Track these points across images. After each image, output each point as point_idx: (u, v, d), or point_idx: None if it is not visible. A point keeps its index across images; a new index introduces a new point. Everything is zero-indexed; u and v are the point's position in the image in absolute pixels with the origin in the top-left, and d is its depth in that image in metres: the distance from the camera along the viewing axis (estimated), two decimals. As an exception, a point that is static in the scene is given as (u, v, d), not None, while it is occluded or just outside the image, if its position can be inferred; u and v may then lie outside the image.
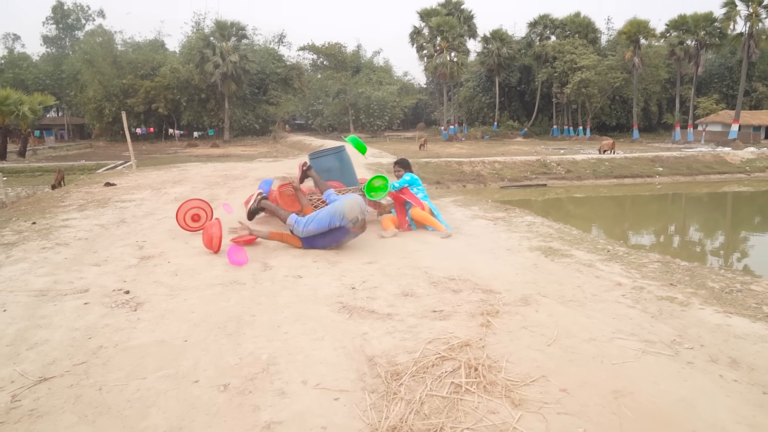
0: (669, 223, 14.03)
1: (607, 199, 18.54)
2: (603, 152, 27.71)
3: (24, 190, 17.80)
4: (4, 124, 31.91)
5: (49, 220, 7.20)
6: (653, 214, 15.73)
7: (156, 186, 11.18)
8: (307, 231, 5.10)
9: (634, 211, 16.31)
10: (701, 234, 12.80)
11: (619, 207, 17.13)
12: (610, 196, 19.21)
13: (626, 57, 45.43)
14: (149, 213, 7.68)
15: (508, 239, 5.62)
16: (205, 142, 47.16)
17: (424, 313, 3.51)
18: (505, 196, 18.13)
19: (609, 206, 17.12)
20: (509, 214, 7.34)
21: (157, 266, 4.75)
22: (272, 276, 4.35)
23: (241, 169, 14.66)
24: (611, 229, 11.90)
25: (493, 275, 4.32)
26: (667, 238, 11.97)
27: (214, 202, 8.74)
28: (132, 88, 48.92)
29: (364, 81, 57.68)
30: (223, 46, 47.16)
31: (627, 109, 51.83)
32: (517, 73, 54.72)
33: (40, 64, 62.25)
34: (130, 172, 15.52)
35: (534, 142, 42.85)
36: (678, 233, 12.78)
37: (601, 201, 18.22)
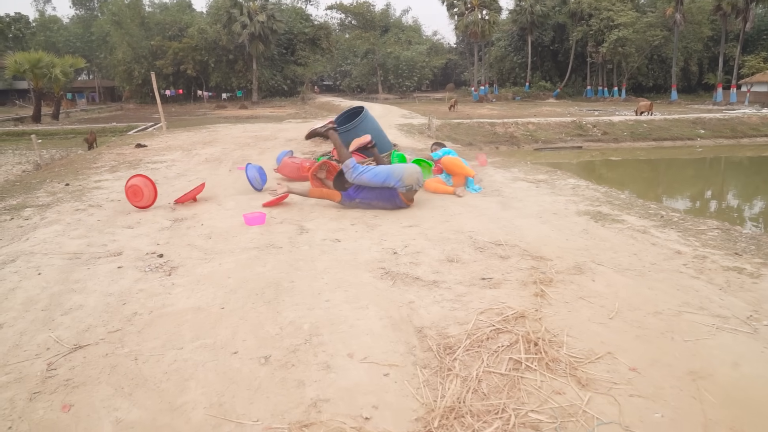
0: (716, 188, 13.40)
1: (647, 163, 17.90)
2: (640, 114, 26.70)
3: (58, 152, 17.99)
4: (37, 87, 32.25)
5: (82, 182, 7.15)
6: (698, 178, 15.06)
7: (186, 147, 11.09)
8: (360, 179, 4.97)
9: (678, 175, 15.64)
10: (755, 200, 12.16)
11: (661, 171, 16.47)
12: (649, 159, 18.54)
13: (667, 13, 43.26)
14: (180, 174, 7.57)
15: (554, 203, 5.33)
16: (233, 103, 47.04)
17: (472, 280, 3.30)
18: (539, 158, 17.61)
19: (650, 170, 16.50)
20: (551, 176, 7.01)
21: (190, 229, 4.62)
22: (309, 239, 4.18)
23: (270, 130, 14.48)
24: (655, 194, 11.41)
25: (542, 241, 4.06)
26: (717, 205, 11.43)
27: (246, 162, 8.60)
28: (160, 50, 48.81)
29: (393, 41, 56.47)
30: (250, 5, 46.45)
31: (665, 69, 49.67)
32: (550, 31, 52.82)
33: (70, 27, 62.52)
34: (161, 133, 15.49)
35: (567, 104, 41.57)
36: (728, 199, 12.19)
37: (641, 164, 17.60)
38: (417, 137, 13.78)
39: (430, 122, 16.72)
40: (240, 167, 7.99)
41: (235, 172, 7.70)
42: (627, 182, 13.30)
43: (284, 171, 6.75)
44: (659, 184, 13.57)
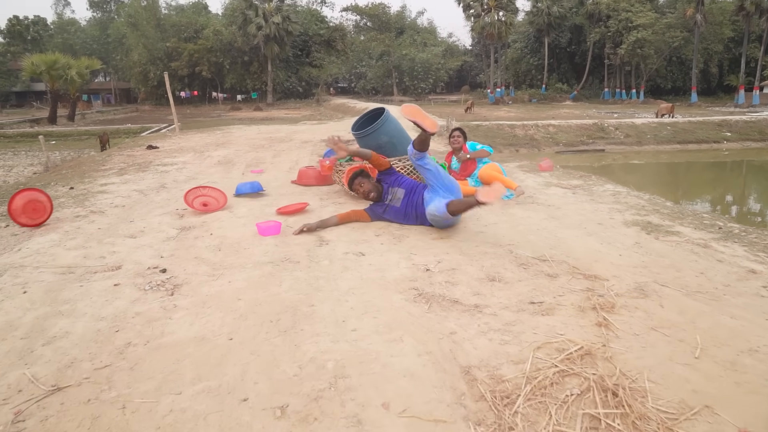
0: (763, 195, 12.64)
1: (678, 166, 17.25)
2: (661, 116, 25.99)
3: (70, 154, 17.79)
4: (53, 88, 32.31)
5: (87, 185, 6.79)
6: (738, 183, 14.27)
7: (199, 149, 10.73)
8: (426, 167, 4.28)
9: (715, 180, 14.79)
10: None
11: (695, 175, 15.67)
12: (679, 162, 17.88)
13: (687, 14, 42.41)
14: (191, 177, 7.18)
15: (596, 211, 4.84)
16: (248, 105, 46.85)
17: (520, 304, 2.84)
18: (561, 161, 17.04)
19: (683, 174, 15.78)
20: (586, 181, 6.51)
21: (198, 239, 4.20)
22: (330, 253, 3.73)
23: (286, 132, 14.11)
24: (697, 201, 10.70)
25: (592, 256, 3.58)
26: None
27: (260, 165, 8.21)
28: (176, 52, 48.82)
29: (408, 43, 56.01)
30: (265, 7, 46.27)
31: (684, 70, 48.75)
32: (567, 33, 52.08)
33: (87, 29, 62.92)
34: (173, 134, 15.18)
35: (584, 106, 40.83)
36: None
37: (672, 168, 16.94)
38: (436, 140, 13.30)
39: (448, 124, 16.25)
40: (254, 170, 7.60)
41: (248, 175, 7.30)
42: (663, 188, 12.62)
43: (303, 180, 6.34)
44: (698, 190, 12.83)
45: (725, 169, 17.33)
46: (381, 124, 5.40)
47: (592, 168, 15.68)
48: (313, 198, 5.58)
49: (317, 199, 5.51)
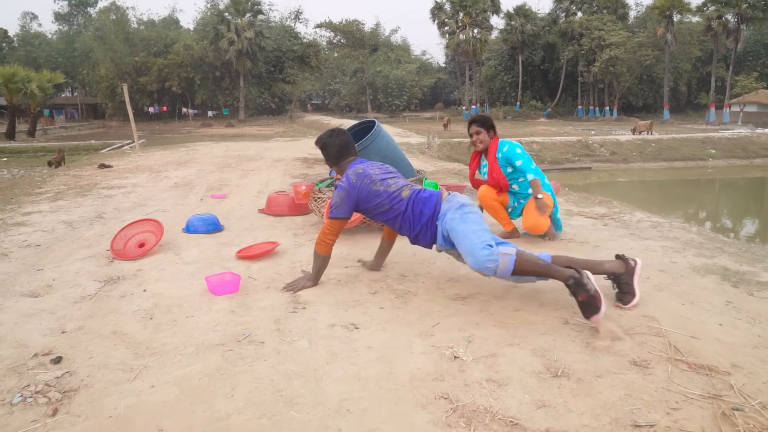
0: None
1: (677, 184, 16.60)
2: (639, 133, 25.66)
3: (19, 172, 16.31)
4: (12, 102, 30.62)
5: (7, 214, 5.52)
6: (744, 203, 13.33)
7: (156, 168, 9.49)
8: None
9: (737, 201, 13.80)
10: None
11: (702, 193, 14.77)
12: (674, 179, 17.27)
13: (658, 33, 42.88)
14: (138, 204, 5.96)
15: (647, 251, 3.81)
16: (219, 121, 45.43)
17: (618, 428, 1.76)
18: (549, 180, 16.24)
19: (690, 193, 14.95)
20: (610, 208, 5.52)
21: (125, 298, 3.03)
22: (309, 325, 2.60)
23: (256, 149, 12.92)
24: (730, 225, 9.60)
25: (682, 326, 2.53)
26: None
27: (223, 189, 7.05)
28: (145, 66, 47.24)
29: (382, 60, 55.42)
30: (238, 22, 45.16)
31: (655, 88, 49.32)
32: (540, 51, 52.26)
33: (52, 42, 60.71)
34: (133, 152, 13.88)
35: (560, 123, 40.65)
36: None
37: (676, 186, 16.27)
38: (420, 157, 12.30)
39: (430, 141, 15.32)
40: (215, 195, 6.43)
41: (207, 201, 6.11)
42: (681, 207, 11.73)
43: (273, 209, 5.19)
44: (723, 212, 11.81)
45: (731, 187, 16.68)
46: (371, 140, 4.31)
47: (600, 187, 14.82)
48: (285, 233, 4.44)
49: (290, 235, 4.37)
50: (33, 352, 2.35)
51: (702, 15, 42.46)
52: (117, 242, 3.93)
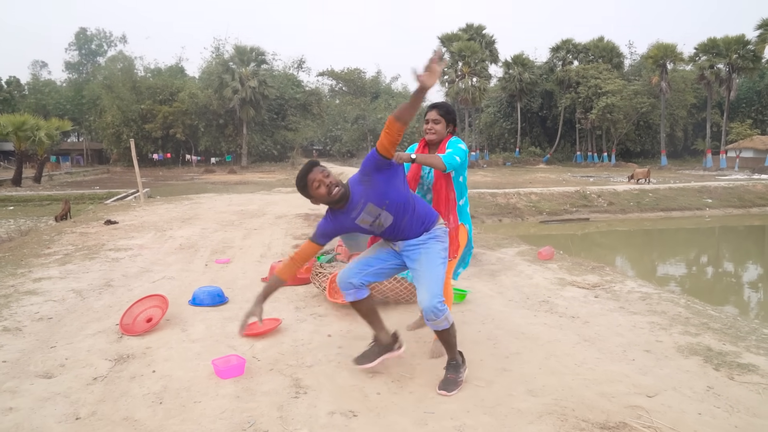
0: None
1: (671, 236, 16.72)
2: (637, 181, 25.99)
3: (26, 223, 16.54)
4: (21, 149, 31.28)
5: (18, 280, 5.70)
6: (738, 257, 13.31)
7: (161, 226, 9.71)
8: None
9: (715, 254, 13.82)
10: None
11: (693, 248, 14.77)
12: (668, 229, 17.42)
13: (653, 81, 43.95)
14: (145, 270, 6.14)
15: (635, 328, 3.97)
16: (222, 167, 46.14)
17: None
18: (544, 231, 16.48)
19: (681, 246, 14.97)
20: (602, 276, 5.69)
21: (135, 380, 3.18)
22: (310, 412, 2.75)
23: (258, 203, 13.18)
24: (725, 289, 9.51)
25: (664, 414, 2.68)
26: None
27: (227, 251, 7.24)
28: (150, 114, 48.29)
29: (383, 107, 56.58)
30: (242, 71, 46.41)
31: (652, 134, 50.20)
32: (538, 98, 53.44)
33: (61, 90, 62.22)
34: (138, 204, 14.15)
35: (558, 169, 41.21)
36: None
37: (666, 238, 16.36)
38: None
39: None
40: (219, 260, 6.62)
41: (212, 267, 6.31)
42: (676, 265, 11.80)
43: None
44: (715, 269, 11.76)
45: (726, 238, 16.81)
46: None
47: (603, 245, 14.90)
48: (287, 306, 4.61)
49: (292, 308, 4.54)
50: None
51: (695, 64, 43.60)
52: (126, 318, 4.10)
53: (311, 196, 2.97)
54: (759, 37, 39.65)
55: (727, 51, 40.42)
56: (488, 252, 7.11)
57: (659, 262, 11.90)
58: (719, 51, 40.86)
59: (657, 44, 43.29)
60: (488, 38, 50.06)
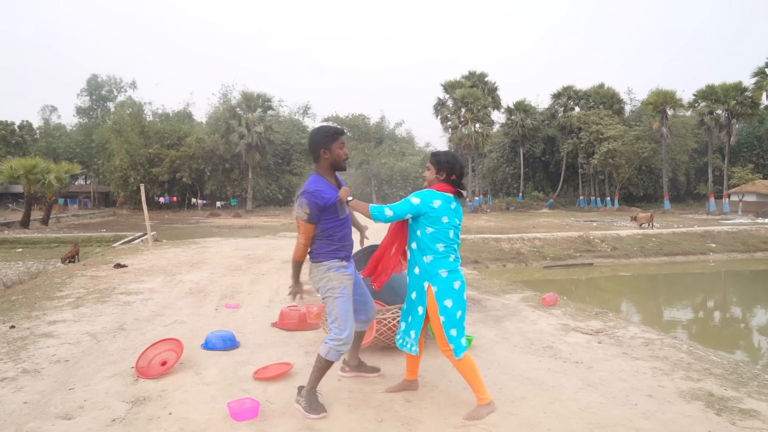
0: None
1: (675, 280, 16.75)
2: (640, 226, 26.14)
3: (35, 265, 16.70)
4: (30, 192, 31.78)
5: (33, 322, 5.84)
6: (743, 302, 13.34)
7: (170, 270, 9.87)
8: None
9: (723, 300, 13.83)
10: None
11: (698, 293, 14.80)
12: (672, 274, 17.45)
13: (653, 127, 44.56)
14: (156, 314, 6.27)
15: (638, 374, 4.07)
16: (227, 211, 46.54)
17: None
18: (548, 276, 16.55)
19: (686, 291, 15.02)
20: (605, 322, 5.79)
21: (152, 422, 3.28)
22: (322, 456, 2.85)
23: (264, 248, 13.35)
24: (729, 335, 9.52)
25: (664, 458, 2.77)
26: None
27: (236, 296, 7.37)
28: (157, 158, 49.09)
29: (387, 152, 57.41)
30: (248, 117, 47.36)
31: (654, 179, 50.57)
32: (541, 143, 54.14)
33: (72, 134, 63.53)
34: (146, 248, 14.34)
35: (562, 214, 41.42)
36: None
37: (670, 283, 16.40)
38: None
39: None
40: (229, 305, 6.75)
41: (222, 311, 6.43)
42: (680, 309, 11.82)
43: (285, 324, 5.50)
44: (718, 314, 11.80)
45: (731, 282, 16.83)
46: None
47: (606, 291, 14.93)
48: (297, 350, 4.72)
49: (302, 353, 4.65)
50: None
51: (694, 110, 44.35)
52: (141, 361, 4.22)
53: (329, 149, 3.48)
54: (756, 84, 40.47)
55: (725, 97, 41.17)
56: (493, 298, 7.22)
57: (664, 307, 11.95)
58: (718, 97, 41.61)
59: (657, 91, 44.12)
60: (490, 85, 51.18)
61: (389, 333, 4.47)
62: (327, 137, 3.48)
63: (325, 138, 3.49)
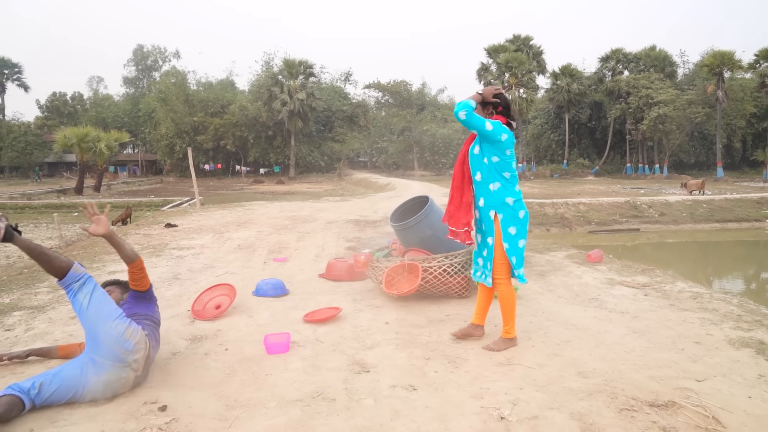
0: None
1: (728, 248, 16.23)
2: (690, 193, 25.26)
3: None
4: (83, 160, 32.99)
5: (95, 272, 6.17)
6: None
7: (219, 229, 10.19)
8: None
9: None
10: None
11: (751, 259, 14.24)
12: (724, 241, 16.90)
13: (708, 91, 42.52)
14: (208, 266, 6.54)
15: (685, 323, 4.04)
16: (270, 178, 47.31)
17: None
18: (592, 241, 16.28)
19: (738, 258, 14.52)
20: (653, 277, 5.72)
21: (209, 356, 3.48)
22: (373, 386, 2.97)
23: (309, 210, 13.59)
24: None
25: (712, 396, 2.77)
26: None
27: (283, 252, 7.58)
28: (202, 126, 50.00)
29: (429, 118, 56.84)
30: (290, 84, 47.54)
31: (707, 145, 48.47)
32: (587, 109, 52.48)
33: (119, 104, 65.34)
34: (194, 210, 14.79)
35: (608, 181, 40.37)
36: None
37: (722, 250, 15.90)
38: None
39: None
40: (277, 259, 6.96)
41: (270, 264, 6.65)
42: (731, 274, 11.47)
43: (332, 275, 5.66)
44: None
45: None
46: (424, 216, 4.76)
47: (653, 254, 14.67)
48: (345, 298, 4.86)
49: (350, 300, 4.79)
50: (143, 401, 2.80)
51: (754, 72, 42.07)
52: (197, 304, 4.43)
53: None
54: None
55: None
56: (537, 255, 7.20)
57: (714, 272, 11.64)
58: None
59: (713, 52, 41.96)
60: (535, 49, 49.66)
61: (435, 281, 4.55)
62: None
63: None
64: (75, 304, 2.86)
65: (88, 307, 2.82)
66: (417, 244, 4.93)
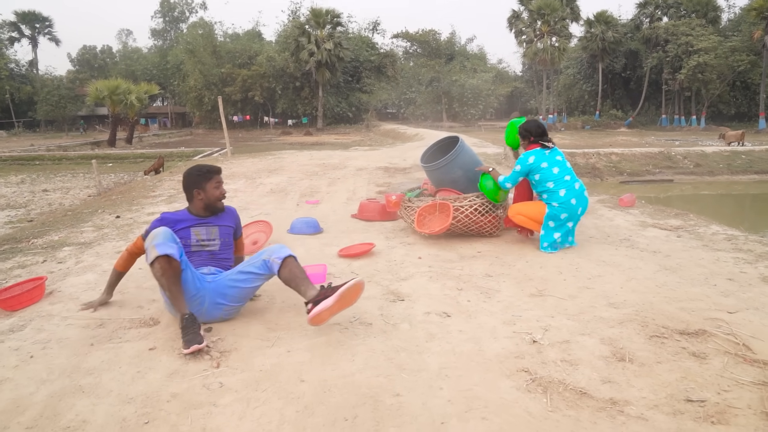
0: None
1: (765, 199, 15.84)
2: (729, 144, 24.47)
3: (124, 177, 17.89)
4: (114, 112, 33.43)
5: (135, 213, 6.40)
6: None
7: (250, 175, 10.35)
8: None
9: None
10: None
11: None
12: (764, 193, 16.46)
13: (755, 36, 40.41)
14: (242, 208, 6.67)
15: (718, 261, 4.03)
16: (298, 129, 47.36)
17: (673, 402, 2.11)
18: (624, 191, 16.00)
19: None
20: (686, 221, 5.67)
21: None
22: (408, 313, 3.09)
23: (338, 158, 13.65)
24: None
25: (742, 326, 2.81)
26: None
27: (315, 195, 7.70)
28: (230, 77, 49.95)
29: (458, 69, 55.65)
30: (318, 34, 46.89)
31: (750, 96, 46.33)
32: (622, 58, 50.59)
33: (148, 56, 65.52)
34: (225, 159, 14.98)
35: (641, 133, 39.25)
36: None
37: (760, 200, 15.55)
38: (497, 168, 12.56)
39: (506, 152, 15.49)
40: (309, 201, 7.08)
41: (303, 206, 6.77)
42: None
43: (365, 215, 5.76)
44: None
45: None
46: (455, 156, 4.77)
47: (681, 199, 14.45)
48: (377, 236, 4.97)
49: (383, 238, 4.89)
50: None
51: (808, 15, 39.76)
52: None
53: (202, 189, 3.30)
54: None
55: None
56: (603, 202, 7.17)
57: (751, 222, 11.41)
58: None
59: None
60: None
61: (466, 220, 4.60)
62: (200, 176, 3.30)
63: (198, 177, 3.31)
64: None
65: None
66: (448, 184, 4.96)
